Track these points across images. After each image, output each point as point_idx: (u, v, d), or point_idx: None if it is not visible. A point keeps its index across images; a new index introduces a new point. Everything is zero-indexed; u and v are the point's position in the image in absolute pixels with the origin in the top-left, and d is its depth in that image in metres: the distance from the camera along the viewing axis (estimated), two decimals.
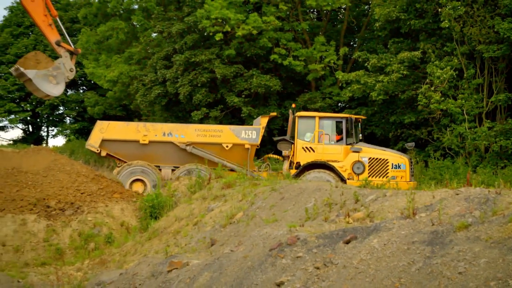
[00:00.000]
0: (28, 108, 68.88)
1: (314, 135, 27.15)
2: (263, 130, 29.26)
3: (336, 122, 27.76)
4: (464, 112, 31.19)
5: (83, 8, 57.75)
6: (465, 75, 32.17)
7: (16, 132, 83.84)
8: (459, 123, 31.62)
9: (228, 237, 14.02)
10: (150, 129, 28.65)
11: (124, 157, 28.15)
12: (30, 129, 75.22)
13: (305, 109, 41.55)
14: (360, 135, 28.43)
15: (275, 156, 30.44)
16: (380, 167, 26.54)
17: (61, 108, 69.84)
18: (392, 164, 26.53)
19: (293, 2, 42.32)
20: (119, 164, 28.33)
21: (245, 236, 12.36)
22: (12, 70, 28.11)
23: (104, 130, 28.36)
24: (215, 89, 44.66)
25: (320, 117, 27.70)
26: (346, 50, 41.80)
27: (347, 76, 36.86)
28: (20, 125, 74.18)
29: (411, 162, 27.47)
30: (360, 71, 36.19)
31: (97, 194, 23.42)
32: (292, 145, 27.65)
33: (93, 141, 28.20)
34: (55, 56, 27.40)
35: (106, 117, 56.80)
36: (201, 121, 42.14)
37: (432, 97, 31.10)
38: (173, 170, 28.20)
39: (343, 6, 44.20)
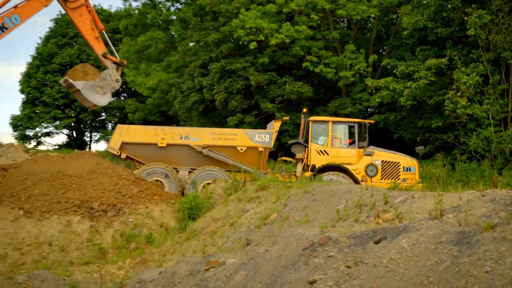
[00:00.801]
0: (72, 115, 69.38)
1: (328, 138, 27.24)
2: (276, 134, 29.41)
3: (349, 126, 27.86)
4: (490, 116, 31.00)
5: (124, 19, 58.17)
6: (490, 81, 31.98)
7: (61, 138, 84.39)
8: (484, 127, 31.43)
9: (263, 237, 13.99)
10: (168, 133, 28.76)
11: (143, 159, 28.23)
12: (74, 135, 75.73)
13: (336, 114, 41.48)
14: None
15: (288, 159, 30.35)
16: (392, 170, 26.70)
17: (103, 114, 70.34)
18: (404, 166, 26.73)
19: (324, 12, 42.19)
20: (138, 166, 28.42)
21: (279, 236, 12.33)
22: (61, 81, 28.50)
23: (124, 134, 28.55)
24: (250, 95, 44.69)
25: (333, 122, 27.80)
26: (375, 57, 41.64)
27: (376, 83, 36.76)
28: (65, 131, 74.70)
29: (420, 165, 27.60)
30: (389, 77, 36.06)
31: (138, 196, 23.50)
32: (306, 148, 27.58)
33: (114, 143, 28.39)
34: (96, 64, 27.48)
35: (146, 122, 57.05)
36: (236, 126, 42.12)
37: (458, 102, 30.92)
38: (189, 172, 28.23)
39: (372, 16, 44.13)
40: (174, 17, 54.17)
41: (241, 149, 28.52)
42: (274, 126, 29.55)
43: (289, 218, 14.75)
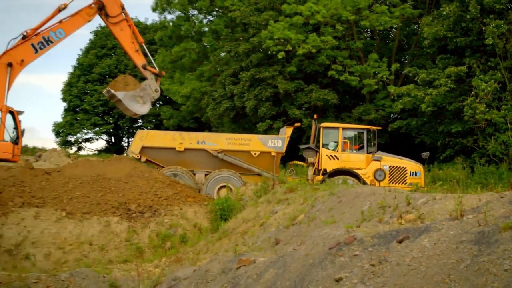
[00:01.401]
0: (111, 121, 69.83)
1: (338, 144, 27.19)
2: (288, 139, 29.38)
3: (358, 132, 27.91)
4: (508, 121, 30.73)
5: (159, 31, 58.43)
6: (508, 87, 31.73)
7: (100, 143, 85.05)
8: (502, 131, 31.17)
9: (291, 237, 13.98)
10: (186, 138, 28.89)
11: (162, 162, 28.25)
12: (113, 140, 76.19)
13: (360, 120, 41.49)
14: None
15: (299, 163, 30.34)
16: (400, 175, 26.68)
17: (140, 121, 70.59)
18: (410, 171, 26.73)
19: (349, 23, 42.13)
20: (158, 168, 28.47)
21: (306, 236, 12.32)
22: (104, 92, 28.95)
23: (144, 138, 28.64)
24: (278, 102, 44.69)
25: (343, 128, 27.74)
26: (397, 66, 41.44)
27: (398, 90, 36.60)
28: (104, 137, 75.23)
29: (425, 170, 27.69)
30: (411, 85, 35.91)
31: (173, 198, 23.56)
32: (317, 153, 27.43)
33: (134, 148, 28.47)
34: (134, 74, 27.70)
35: (180, 128, 57.23)
36: (265, 132, 42.20)
37: (477, 108, 30.71)
38: (206, 174, 28.22)
39: (395, 26, 43.90)
40: (207, 29, 54.50)
41: (255, 154, 28.68)
42: (286, 132, 29.70)
43: (316, 218, 14.74)
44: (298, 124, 35.06)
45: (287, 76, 43.81)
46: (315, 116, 30.56)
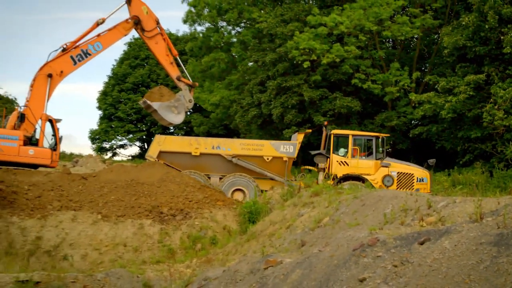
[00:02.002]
0: (144, 128, 70.11)
1: (348, 150, 27.33)
2: (299, 145, 29.36)
3: (367, 140, 27.99)
4: None
5: (190, 42, 58.59)
6: None
7: (134, 149, 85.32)
8: None
9: (316, 239, 13.95)
10: (201, 143, 28.90)
11: (178, 166, 28.10)
12: (146, 146, 76.34)
13: (383, 127, 41.52)
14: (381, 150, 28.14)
15: (311, 168, 30.33)
16: (407, 180, 26.72)
17: (172, 128, 70.75)
18: (417, 177, 26.76)
19: (371, 33, 42.09)
20: None
21: (331, 238, 12.29)
22: (140, 102, 29.31)
23: (162, 143, 28.61)
24: (304, 110, 44.69)
25: (353, 135, 27.88)
26: (418, 74, 41.40)
27: (419, 97, 36.48)
28: (137, 143, 75.41)
29: (431, 176, 27.73)
30: (431, 92, 35.82)
31: (203, 202, 23.60)
32: (328, 158, 27.62)
33: (152, 152, 28.47)
34: (165, 83, 27.90)
35: (210, 135, 57.35)
36: (291, 138, 42.22)
37: (495, 114, 30.52)
38: (220, 178, 28.20)
39: (415, 36, 43.82)
40: (235, 40, 54.65)
41: (267, 159, 28.64)
42: (298, 138, 29.67)
43: (340, 221, 14.69)
44: (309, 131, 35.18)
45: (312, 85, 43.80)
46: (325, 123, 31.01)
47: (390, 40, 48.47)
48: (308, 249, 12.34)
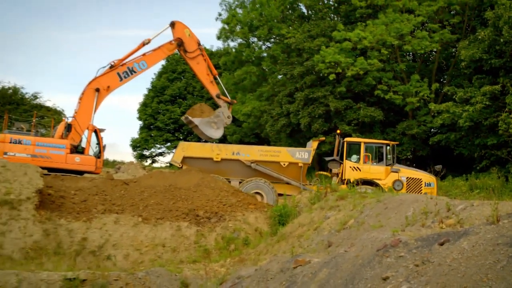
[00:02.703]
0: (181, 137, 70.27)
1: (361, 157, 27.58)
2: (314, 152, 29.39)
3: (378, 147, 28.15)
4: None
5: (223, 57, 58.75)
6: None
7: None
8: None
9: (342, 240, 13.94)
10: (222, 149, 28.98)
11: (201, 171, 28.27)
12: None
13: (404, 135, 41.49)
14: (390, 156, 28.23)
15: (325, 173, 30.30)
16: (415, 185, 26.90)
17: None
18: (425, 182, 26.94)
19: (393, 48, 42.00)
20: None
21: (356, 239, 12.28)
22: (182, 118, 29.78)
23: (185, 149, 28.77)
24: (330, 119, 44.64)
25: (365, 143, 28.18)
26: (437, 85, 41.16)
27: (438, 107, 36.36)
28: (175, 151, 75.56)
29: (438, 181, 28.01)
30: (449, 102, 35.67)
31: (236, 205, 23.63)
32: (341, 164, 27.90)
33: (176, 157, 28.68)
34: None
35: (242, 143, 57.37)
36: (318, 146, 42.30)
37: (510, 123, 30.29)
38: (240, 182, 28.16)
39: (434, 50, 43.62)
40: (265, 54, 54.74)
41: (284, 164, 28.60)
42: (312, 145, 29.71)
43: (364, 223, 14.68)
44: (323, 138, 35.58)
45: (337, 96, 43.79)
46: (338, 131, 31.26)
47: (411, 53, 48.24)
48: (335, 250, 12.35)
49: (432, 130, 44.10)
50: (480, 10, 40.74)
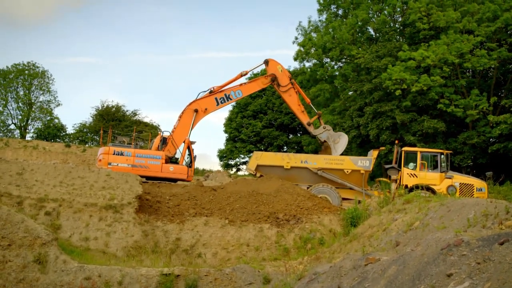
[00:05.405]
0: (262, 148, 70.55)
1: (417, 165, 27.43)
2: (374, 160, 29.39)
3: (433, 155, 27.89)
4: None
5: (299, 76, 58.92)
6: None
7: None
8: None
9: (409, 240, 13.77)
10: (292, 158, 29.20)
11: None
12: None
13: (465, 144, 40.81)
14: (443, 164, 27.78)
15: (384, 179, 29.91)
16: (468, 190, 26.55)
17: (285, 147, 70.95)
18: (476, 187, 26.55)
19: (454, 65, 41.41)
20: None
21: (421, 239, 12.11)
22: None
23: (259, 158, 29.10)
24: (396, 131, 44.32)
25: (421, 152, 28.02)
26: (495, 99, 40.46)
27: (496, 118, 35.89)
28: None
29: (488, 186, 27.56)
30: (507, 114, 35.32)
31: (312, 208, 23.61)
32: (399, 171, 27.76)
33: (251, 165, 29.00)
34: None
35: (317, 153, 57.24)
36: (385, 155, 42.37)
37: None
38: (307, 187, 28.04)
39: (492, 66, 42.82)
40: (337, 73, 54.85)
41: (347, 171, 28.75)
42: (373, 154, 29.66)
43: (429, 225, 14.46)
44: (383, 148, 35.84)
45: (403, 109, 43.53)
46: (396, 142, 31.29)
47: (470, 70, 47.47)
48: (402, 249, 12.21)
49: (491, 139, 43.24)
50: None
